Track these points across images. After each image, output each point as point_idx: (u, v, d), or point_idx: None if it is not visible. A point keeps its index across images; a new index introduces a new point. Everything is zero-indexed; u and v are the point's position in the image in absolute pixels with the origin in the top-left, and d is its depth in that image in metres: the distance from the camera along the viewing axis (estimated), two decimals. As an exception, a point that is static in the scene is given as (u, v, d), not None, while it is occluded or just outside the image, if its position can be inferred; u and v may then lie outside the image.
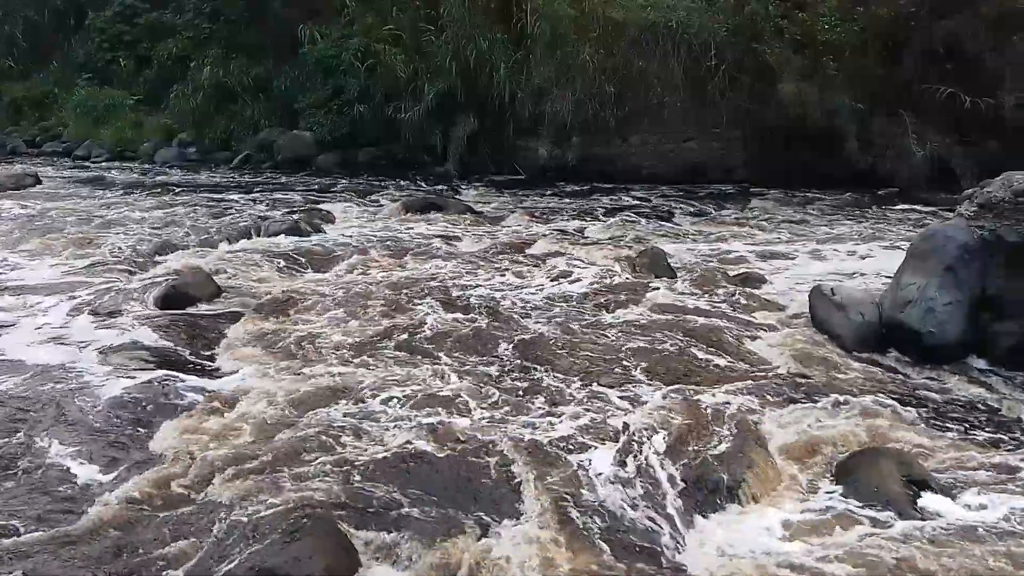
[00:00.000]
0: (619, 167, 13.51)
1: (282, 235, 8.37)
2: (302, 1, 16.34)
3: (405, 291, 6.17)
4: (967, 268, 4.59)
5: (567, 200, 11.83)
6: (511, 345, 4.95)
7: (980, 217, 4.67)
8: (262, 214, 9.89)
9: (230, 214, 9.97)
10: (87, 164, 17.38)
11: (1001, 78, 11.00)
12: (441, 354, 4.78)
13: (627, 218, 10.16)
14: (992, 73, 11.07)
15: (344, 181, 13.67)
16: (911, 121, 11.22)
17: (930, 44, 11.41)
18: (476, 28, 13.80)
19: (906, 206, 10.54)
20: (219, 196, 11.72)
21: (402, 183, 13.40)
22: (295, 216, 9.44)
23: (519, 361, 4.68)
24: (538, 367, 4.58)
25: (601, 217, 10.28)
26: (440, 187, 12.91)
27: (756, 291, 6.25)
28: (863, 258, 7.48)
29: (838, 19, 11.75)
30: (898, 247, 6.75)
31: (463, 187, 13.14)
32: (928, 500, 3.06)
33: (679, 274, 6.76)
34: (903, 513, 2.97)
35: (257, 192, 12.28)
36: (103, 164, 17.23)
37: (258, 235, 8.45)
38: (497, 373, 4.47)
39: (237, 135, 16.86)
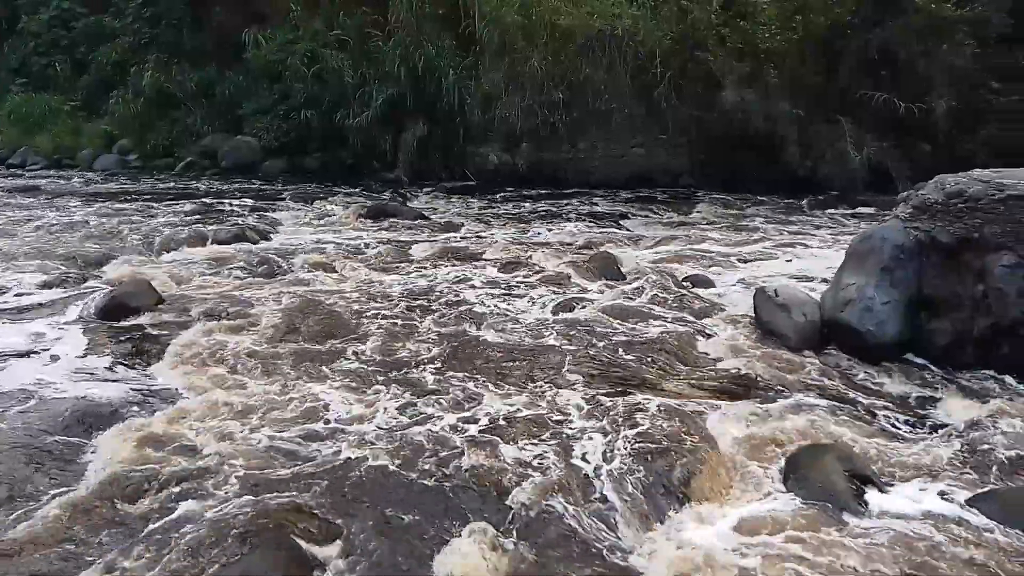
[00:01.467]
0: (569, 173, 13.65)
1: (227, 243, 8.21)
2: (246, 5, 16.09)
3: (354, 299, 6.10)
4: (903, 268, 4.74)
5: (517, 205, 11.86)
6: (458, 350, 4.94)
7: (915, 219, 4.83)
8: (206, 221, 9.67)
9: (173, 222, 9.73)
10: (22, 172, 16.80)
11: (932, 84, 11.46)
12: (390, 361, 4.74)
13: (577, 223, 10.25)
14: (924, 79, 11.52)
15: (291, 188, 13.48)
16: (848, 126, 11.59)
17: (865, 52, 11.82)
18: (424, 34, 13.78)
19: (845, 209, 10.88)
20: (161, 204, 11.43)
21: (351, 189, 13.28)
22: (241, 223, 9.26)
23: (467, 365, 4.67)
24: (487, 372, 4.57)
25: (551, 222, 10.34)
26: (390, 193, 12.82)
27: (703, 293, 6.35)
28: (805, 260, 7.67)
29: (777, 28, 12.06)
30: (838, 249, 6.95)
31: (414, 193, 13.08)
32: (871, 494, 3.15)
33: (628, 278, 6.84)
34: (847, 508, 3.06)
35: (201, 199, 12.02)
36: (39, 172, 16.68)
37: (202, 243, 8.27)
38: (446, 379, 4.45)
39: (179, 141, 16.51)
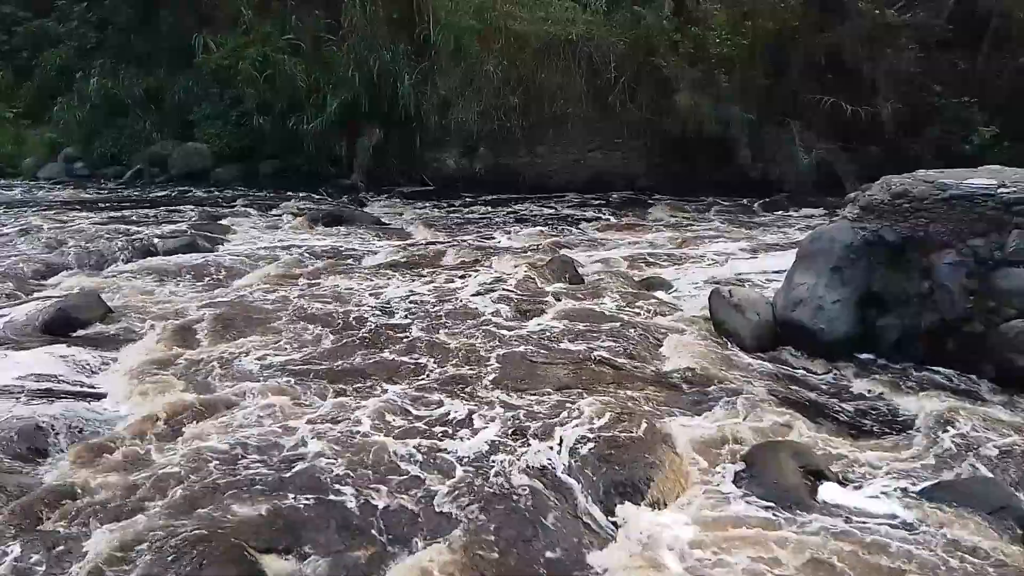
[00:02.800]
0: (526, 177, 13.70)
1: (178, 252, 8.02)
2: (196, 10, 15.79)
3: (309, 308, 6.01)
4: (852, 267, 4.86)
5: (476, 210, 11.85)
6: (420, 358, 4.90)
7: (863, 219, 4.96)
8: (156, 231, 9.44)
9: (122, 232, 9.48)
10: (-38, 182, 16.19)
11: (877, 87, 11.80)
12: (348, 372, 4.68)
13: (535, 227, 10.27)
14: (869, 83, 11.86)
15: (244, 194, 13.25)
16: (798, 129, 11.86)
17: (813, 56, 12.11)
18: (379, 39, 13.69)
19: (796, 210, 11.12)
20: (110, 213, 11.12)
21: (307, 196, 13.10)
22: (192, 232, 9.08)
23: (428, 373, 4.64)
24: (447, 378, 4.55)
25: (510, 226, 10.35)
26: (346, 199, 12.69)
27: (660, 295, 6.43)
28: (758, 260, 7.82)
29: (728, 33, 12.28)
30: (789, 249, 7.08)
31: (370, 199, 12.98)
32: (824, 489, 3.22)
33: (587, 281, 6.88)
34: (802, 503, 3.11)
35: (150, 208, 11.72)
36: (-21, 182, 16.10)
37: (151, 253, 8.07)
38: (405, 386, 4.41)
39: (128, 149, 16.10)
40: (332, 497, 3.18)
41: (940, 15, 11.90)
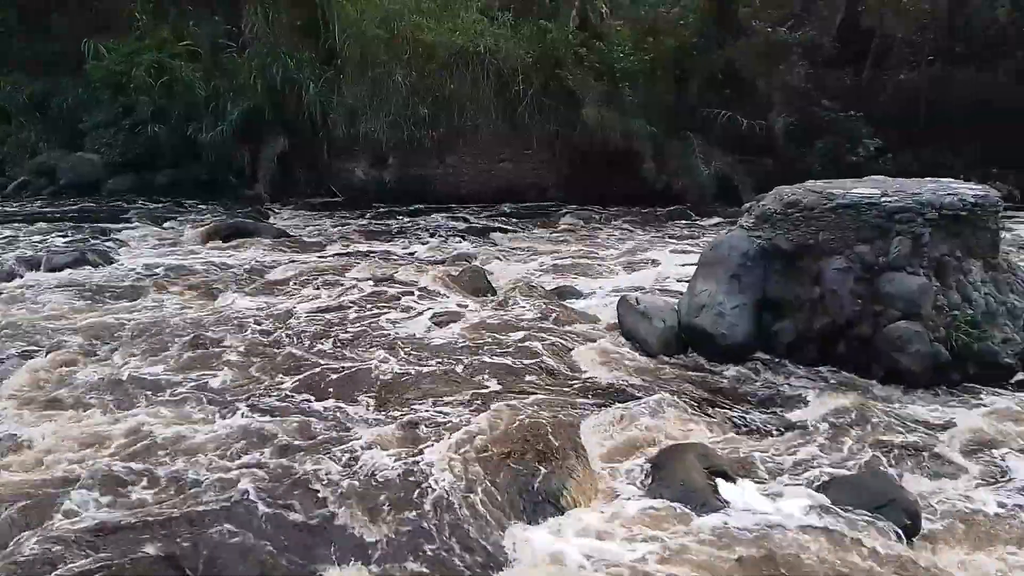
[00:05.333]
0: (437, 188, 13.64)
1: (66, 268, 7.55)
2: (86, 13, 15.02)
3: (207, 325, 5.78)
4: (750, 274, 5.05)
5: (386, 221, 11.72)
6: (326, 372, 4.79)
7: (758, 228, 5.17)
8: (42, 245, 8.89)
9: (4, 246, 8.88)
10: None
11: (772, 102, 12.40)
12: (249, 390, 4.51)
13: (447, 238, 10.24)
14: (764, 97, 12.45)
15: (139, 206, 12.60)
16: (698, 142, 12.29)
17: (711, 72, 12.60)
18: (282, 46, 13.37)
19: (698, 220, 11.52)
20: (-10, 227, 10.41)
21: (206, 207, 12.63)
22: (81, 246, 8.58)
23: (336, 388, 4.54)
24: (357, 392, 4.46)
25: (421, 237, 10.28)
26: (250, 211, 12.29)
27: (570, 304, 6.51)
28: (663, 268, 8.03)
29: (631, 49, 12.63)
30: (692, 256, 7.31)
31: (276, 210, 12.62)
32: (728, 489, 3.32)
33: (499, 291, 6.89)
34: (707, 503, 3.20)
35: (36, 221, 11.01)
36: None
37: (38, 269, 7.56)
38: (313, 403, 4.30)
39: (11, 159, 15.11)
40: (235, 524, 3.04)
41: (827, 33, 12.62)
